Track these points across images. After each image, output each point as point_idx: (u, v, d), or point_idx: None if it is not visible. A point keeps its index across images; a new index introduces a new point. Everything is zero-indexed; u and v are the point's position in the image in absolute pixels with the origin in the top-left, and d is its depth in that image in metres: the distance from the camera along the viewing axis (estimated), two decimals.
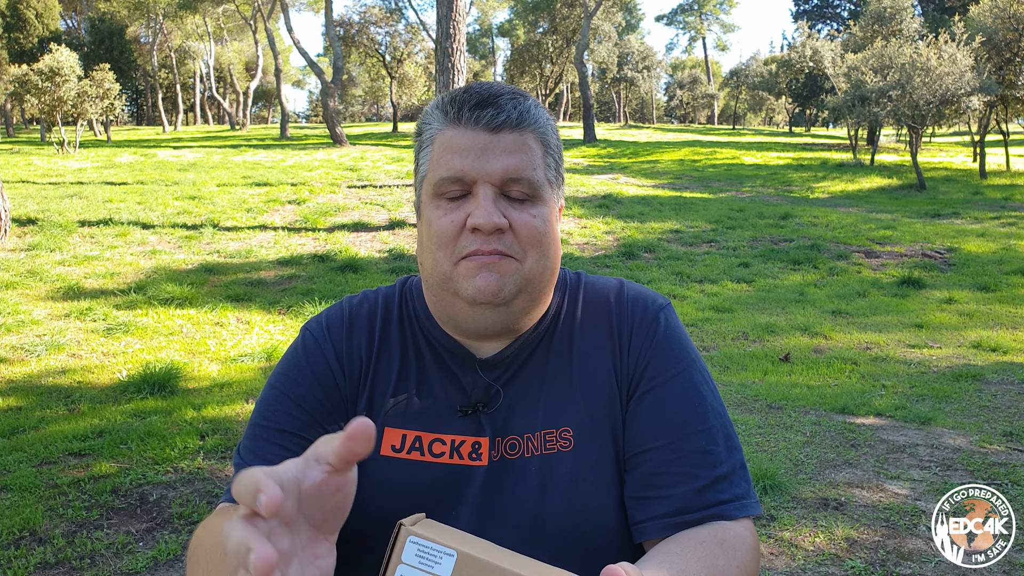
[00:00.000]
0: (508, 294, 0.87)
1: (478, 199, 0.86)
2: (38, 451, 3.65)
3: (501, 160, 0.86)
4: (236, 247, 9.62)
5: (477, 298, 0.86)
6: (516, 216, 0.87)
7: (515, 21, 47.63)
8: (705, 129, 43.89)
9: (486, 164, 0.86)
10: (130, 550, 2.76)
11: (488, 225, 0.84)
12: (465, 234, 0.86)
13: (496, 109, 0.86)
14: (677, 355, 0.95)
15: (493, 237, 0.85)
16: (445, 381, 0.95)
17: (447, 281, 0.88)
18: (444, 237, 0.87)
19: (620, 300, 0.99)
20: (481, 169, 0.86)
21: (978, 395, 4.61)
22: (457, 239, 0.87)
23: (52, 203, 11.54)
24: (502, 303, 0.88)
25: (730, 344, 6.17)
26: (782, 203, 14.95)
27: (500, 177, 0.86)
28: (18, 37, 35.58)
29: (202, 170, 16.68)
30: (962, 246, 10.44)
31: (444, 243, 0.87)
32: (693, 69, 59.86)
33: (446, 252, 0.87)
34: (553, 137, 0.92)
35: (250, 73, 49.23)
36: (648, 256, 10.14)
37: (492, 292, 0.86)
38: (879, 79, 17.56)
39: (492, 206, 0.85)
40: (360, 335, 0.97)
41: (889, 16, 25.85)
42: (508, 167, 0.86)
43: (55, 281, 7.57)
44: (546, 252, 0.89)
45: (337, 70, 24.88)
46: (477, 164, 0.86)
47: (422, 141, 0.93)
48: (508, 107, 0.87)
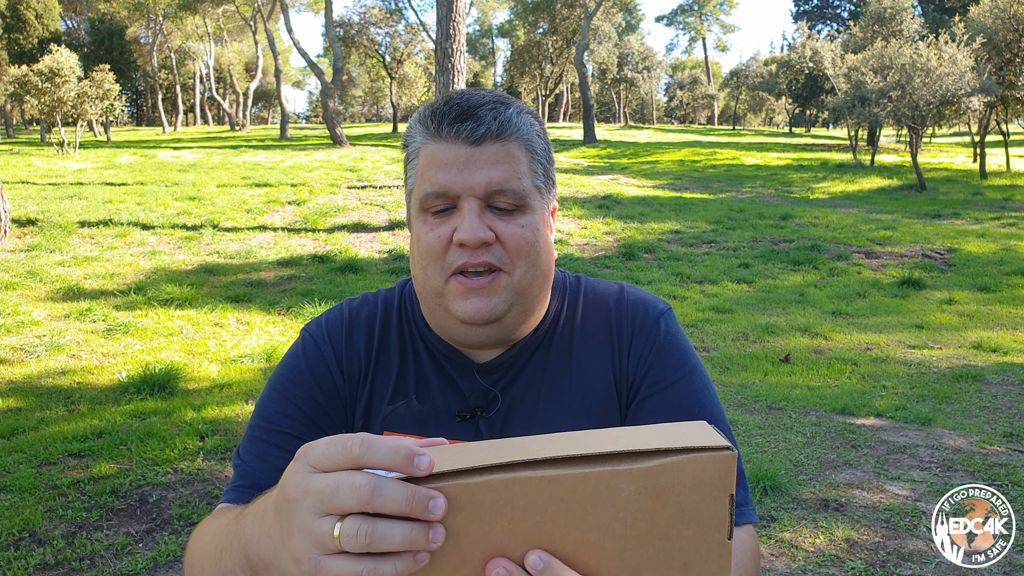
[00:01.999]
0: (500, 312, 0.87)
1: (463, 213, 0.85)
2: (38, 452, 3.65)
3: (484, 173, 0.85)
4: (236, 248, 9.62)
5: (468, 320, 0.87)
6: (503, 228, 0.86)
7: (515, 22, 47.67)
8: (705, 130, 43.89)
9: (468, 178, 0.85)
10: (130, 551, 2.76)
11: (473, 240, 0.84)
12: (453, 248, 0.86)
13: (475, 122, 0.85)
14: (677, 361, 0.94)
15: (481, 250, 0.85)
16: (443, 386, 0.95)
17: (439, 297, 0.88)
18: (432, 253, 0.87)
19: (620, 305, 0.98)
20: (464, 183, 0.85)
21: (978, 396, 4.61)
22: (445, 254, 0.86)
23: (52, 204, 11.54)
24: (494, 321, 0.88)
25: (730, 345, 6.17)
26: (782, 204, 14.95)
27: (484, 190, 0.85)
28: (18, 38, 35.59)
29: (202, 171, 16.69)
30: (962, 247, 10.44)
31: (433, 258, 0.87)
32: (693, 70, 59.89)
33: (436, 267, 0.87)
34: (539, 142, 0.91)
35: (250, 74, 49.26)
36: (648, 257, 10.14)
37: (484, 317, 0.86)
38: (879, 80, 17.56)
39: (477, 220, 0.84)
40: (360, 338, 0.97)
41: (889, 17, 25.86)
42: (491, 180, 0.85)
43: (55, 282, 7.57)
44: (535, 261, 0.89)
45: (337, 71, 24.89)
46: (460, 178, 0.85)
47: (408, 154, 0.93)
48: (488, 118, 0.85)
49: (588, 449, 0.56)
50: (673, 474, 0.56)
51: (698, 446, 0.56)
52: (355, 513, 0.50)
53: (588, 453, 0.55)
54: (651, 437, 0.58)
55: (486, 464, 0.54)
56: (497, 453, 0.56)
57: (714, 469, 0.56)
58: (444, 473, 0.54)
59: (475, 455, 0.56)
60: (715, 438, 0.57)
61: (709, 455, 0.56)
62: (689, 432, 0.59)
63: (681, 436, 0.58)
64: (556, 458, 0.55)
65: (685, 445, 0.56)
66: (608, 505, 0.56)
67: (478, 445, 0.59)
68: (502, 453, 0.56)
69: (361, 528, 0.49)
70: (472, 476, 0.54)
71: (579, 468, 0.55)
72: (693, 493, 0.57)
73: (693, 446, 0.56)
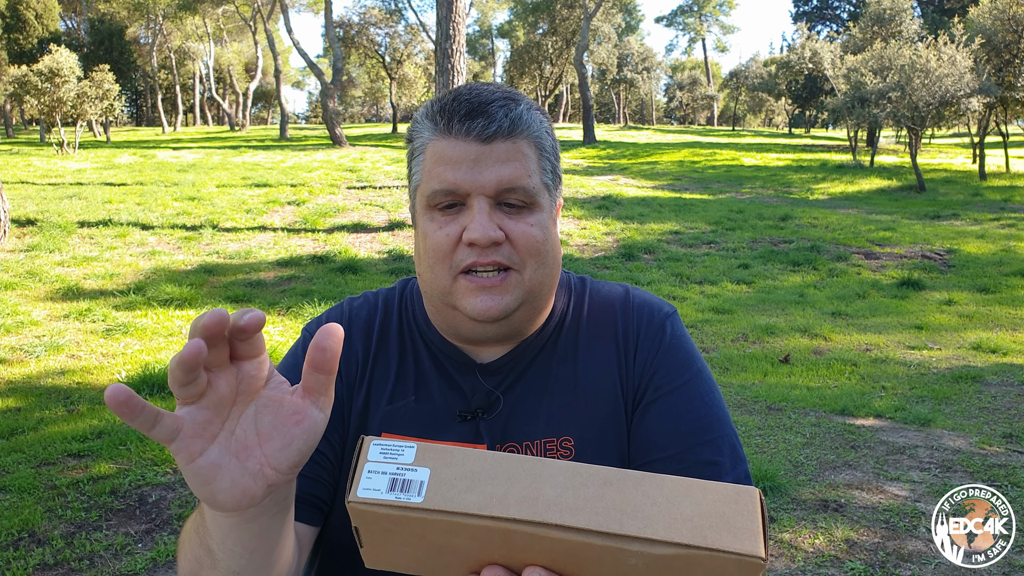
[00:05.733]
0: (510, 310, 0.86)
1: (473, 212, 0.84)
2: (37, 452, 3.64)
3: (494, 171, 0.84)
4: (235, 248, 9.62)
5: (478, 318, 0.86)
6: (513, 227, 0.85)
7: (515, 22, 47.69)
8: (705, 130, 43.90)
9: (479, 175, 0.84)
10: (129, 551, 2.76)
11: (484, 240, 0.83)
12: (462, 247, 0.85)
13: (487, 119, 0.84)
14: (683, 364, 0.94)
15: (490, 249, 0.84)
16: (444, 386, 0.94)
17: (447, 295, 0.87)
18: (441, 251, 0.86)
19: (626, 307, 0.97)
20: (474, 181, 0.84)
21: (978, 396, 4.61)
22: (454, 253, 0.85)
23: (51, 204, 11.53)
24: (504, 318, 0.87)
25: (730, 345, 6.17)
26: (782, 204, 14.95)
27: (494, 188, 0.84)
28: (18, 38, 35.59)
29: (201, 171, 16.68)
30: (962, 247, 10.44)
31: (441, 257, 0.86)
32: (693, 70, 59.91)
33: (444, 266, 0.86)
34: (548, 139, 0.90)
35: (250, 74, 49.25)
36: (648, 257, 10.14)
37: (494, 314, 0.85)
38: (878, 80, 17.57)
39: (487, 219, 0.83)
40: (358, 337, 0.97)
41: (888, 18, 25.86)
42: (502, 177, 0.84)
43: (54, 282, 7.57)
44: (545, 260, 0.88)
45: (337, 71, 24.89)
46: (470, 176, 0.84)
47: (413, 149, 0.91)
48: (499, 115, 0.84)
49: (601, 524, 0.52)
50: (689, 563, 0.52)
51: (726, 549, 0.51)
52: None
53: (600, 530, 0.52)
54: (676, 519, 0.52)
55: (489, 515, 0.53)
56: (505, 494, 0.54)
57: (738, 569, 0.52)
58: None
59: (481, 491, 0.54)
60: (751, 541, 0.51)
61: (735, 558, 0.51)
62: (726, 517, 0.52)
63: (713, 525, 0.52)
64: (564, 526, 0.52)
65: (713, 546, 0.51)
66: (610, 566, 0.54)
67: (486, 469, 0.56)
68: (509, 498, 0.54)
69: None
70: (472, 519, 0.53)
71: (586, 538, 0.53)
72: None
73: (720, 548, 0.51)
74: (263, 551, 0.67)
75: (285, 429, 0.59)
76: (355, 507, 0.55)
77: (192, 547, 0.70)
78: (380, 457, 0.57)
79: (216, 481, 0.57)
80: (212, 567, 0.68)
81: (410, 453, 0.56)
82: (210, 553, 0.67)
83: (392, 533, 0.56)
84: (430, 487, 0.54)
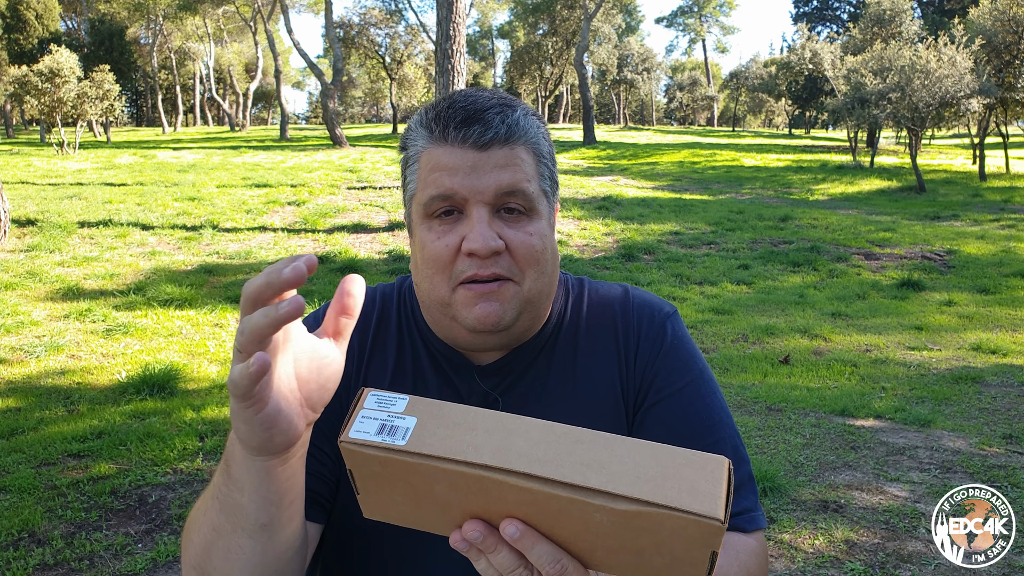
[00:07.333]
0: (509, 320, 0.85)
1: (472, 221, 0.82)
2: (37, 452, 3.64)
3: (492, 177, 0.82)
4: (236, 248, 9.62)
5: (477, 328, 0.84)
6: (512, 236, 0.84)
7: (515, 23, 47.70)
8: (705, 131, 43.91)
9: (477, 182, 0.82)
10: (129, 551, 2.76)
11: (484, 249, 0.81)
12: (461, 258, 0.83)
13: (483, 126, 0.82)
14: (685, 366, 0.93)
15: (490, 260, 0.82)
16: (441, 387, 0.93)
17: (446, 306, 0.86)
18: (439, 262, 0.84)
19: (626, 308, 0.96)
20: (472, 188, 0.82)
21: (977, 397, 4.61)
22: (453, 263, 0.84)
23: (51, 204, 11.53)
24: (503, 329, 0.86)
25: (730, 346, 6.17)
26: (782, 205, 14.96)
27: (493, 194, 0.82)
28: (18, 38, 35.60)
29: (202, 171, 16.68)
30: (961, 248, 10.45)
31: (440, 268, 0.84)
32: (693, 71, 59.93)
33: (443, 277, 0.84)
34: (545, 144, 0.89)
35: (250, 74, 49.26)
36: (648, 258, 10.14)
37: (492, 323, 0.84)
38: (879, 81, 17.57)
39: (487, 229, 0.82)
40: (354, 334, 0.95)
41: (888, 18, 25.87)
42: (500, 183, 0.82)
43: (54, 282, 7.57)
44: (544, 268, 0.87)
45: (337, 71, 24.90)
46: (467, 182, 0.82)
47: (407, 157, 0.89)
48: (496, 122, 0.83)
49: (566, 476, 0.55)
50: (650, 520, 0.54)
51: (685, 509, 0.52)
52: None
53: (564, 480, 0.54)
54: (640, 477, 0.54)
55: (463, 459, 0.57)
56: (481, 444, 0.58)
57: (697, 531, 0.53)
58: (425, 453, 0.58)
59: (460, 439, 0.58)
60: (711, 503, 0.52)
61: (693, 518, 0.52)
62: (690, 480, 0.54)
63: (676, 486, 0.53)
64: (531, 475, 0.55)
65: (672, 504, 0.52)
66: (578, 520, 0.56)
67: (468, 421, 0.60)
68: (484, 447, 0.57)
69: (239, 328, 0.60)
70: (448, 464, 0.57)
71: (552, 488, 0.55)
72: (672, 539, 0.55)
73: (679, 508, 0.52)
74: (289, 498, 0.69)
75: (319, 371, 0.64)
76: (346, 447, 0.60)
77: (208, 518, 0.71)
78: (375, 405, 0.61)
79: (277, 425, 0.62)
80: (233, 530, 0.69)
81: (402, 404, 0.61)
82: (236, 512, 0.68)
83: (381, 478, 0.61)
84: (414, 433, 0.59)
